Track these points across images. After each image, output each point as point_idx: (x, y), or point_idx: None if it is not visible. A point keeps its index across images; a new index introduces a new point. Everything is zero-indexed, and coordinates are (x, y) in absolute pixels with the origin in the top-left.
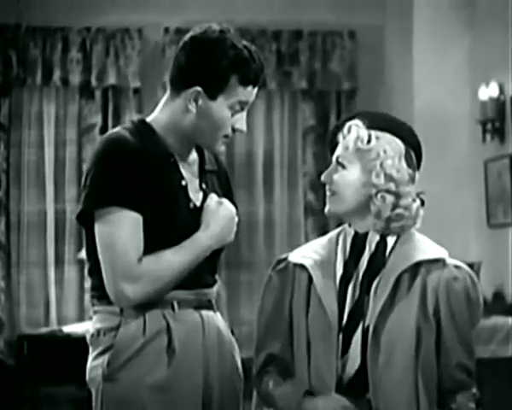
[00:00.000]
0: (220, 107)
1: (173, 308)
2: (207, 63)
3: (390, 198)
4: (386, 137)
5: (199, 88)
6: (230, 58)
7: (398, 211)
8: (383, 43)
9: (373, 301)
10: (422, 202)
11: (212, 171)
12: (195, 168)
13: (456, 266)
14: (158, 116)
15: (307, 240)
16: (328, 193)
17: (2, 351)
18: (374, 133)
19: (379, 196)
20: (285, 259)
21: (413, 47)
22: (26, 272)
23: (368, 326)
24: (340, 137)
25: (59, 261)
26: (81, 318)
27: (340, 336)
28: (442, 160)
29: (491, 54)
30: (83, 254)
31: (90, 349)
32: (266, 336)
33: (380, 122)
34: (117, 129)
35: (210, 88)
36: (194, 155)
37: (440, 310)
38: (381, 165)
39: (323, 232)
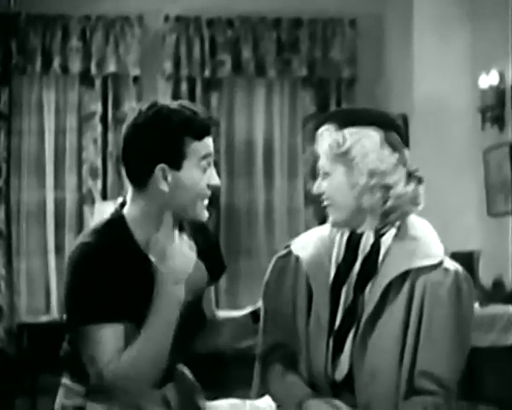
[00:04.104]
0: (189, 172)
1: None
2: (158, 140)
3: (379, 193)
4: (361, 131)
5: (163, 165)
6: (175, 123)
7: (391, 203)
8: (383, 32)
9: (365, 306)
10: (419, 180)
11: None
12: None
13: (446, 269)
14: (131, 213)
15: (307, 228)
16: (324, 204)
17: (2, 340)
18: (347, 132)
19: (366, 195)
20: (288, 245)
21: (413, 35)
22: (27, 261)
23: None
24: (317, 146)
25: (59, 250)
26: None
27: (332, 340)
28: (442, 148)
29: (491, 42)
30: None
31: None
32: (272, 322)
33: (350, 118)
34: (93, 236)
35: (172, 160)
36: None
37: (423, 315)
38: (362, 162)
39: (323, 221)
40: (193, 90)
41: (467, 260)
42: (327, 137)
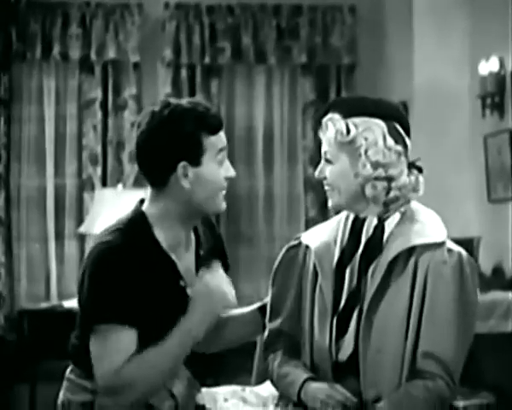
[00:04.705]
0: (208, 166)
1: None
2: (176, 139)
3: (381, 184)
4: (365, 121)
5: (183, 163)
6: (192, 120)
7: (393, 194)
8: (383, 18)
9: (369, 286)
10: (420, 170)
11: (207, 255)
12: (193, 253)
13: (449, 250)
14: (151, 211)
15: (307, 215)
16: (326, 188)
17: (2, 326)
18: (351, 122)
19: (369, 185)
20: (299, 237)
21: (413, 21)
22: (27, 247)
23: (362, 311)
24: (321, 133)
25: (59, 236)
26: None
27: (335, 320)
28: (442, 135)
29: (491, 28)
30: (82, 229)
31: None
32: (277, 310)
33: (355, 108)
34: (116, 234)
35: (192, 157)
36: (192, 237)
37: (426, 293)
38: (366, 154)
39: (323, 207)
40: (193, 77)
41: (466, 246)
42: (331, 125)
